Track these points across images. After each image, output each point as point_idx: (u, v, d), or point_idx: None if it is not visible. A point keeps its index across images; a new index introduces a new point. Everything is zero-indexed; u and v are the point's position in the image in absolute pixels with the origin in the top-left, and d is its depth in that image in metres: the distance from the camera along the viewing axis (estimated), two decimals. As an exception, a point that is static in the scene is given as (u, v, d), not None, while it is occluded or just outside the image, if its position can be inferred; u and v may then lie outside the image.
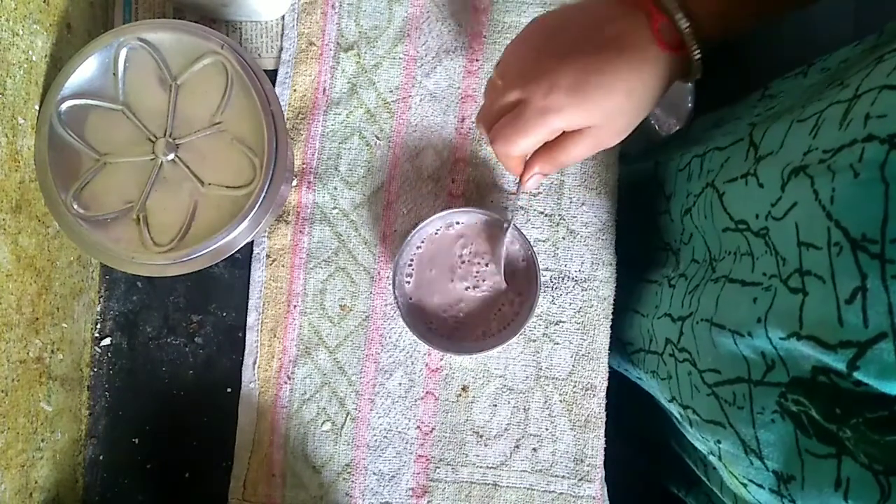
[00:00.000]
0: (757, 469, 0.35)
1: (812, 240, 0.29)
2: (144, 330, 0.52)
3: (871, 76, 0.28)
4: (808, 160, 0.30)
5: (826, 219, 0.27)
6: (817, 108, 0.31)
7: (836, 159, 0.28)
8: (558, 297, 0.50)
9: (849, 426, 0.28)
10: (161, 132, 0.44)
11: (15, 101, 0.42)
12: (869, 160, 0.25)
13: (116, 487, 0.51)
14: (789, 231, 0.31)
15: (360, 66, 0.52)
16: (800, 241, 0.30)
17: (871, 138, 0.26)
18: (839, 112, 0.29)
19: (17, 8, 0.42)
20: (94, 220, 0.43)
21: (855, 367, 0.26)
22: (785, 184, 0.32)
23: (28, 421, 0.45)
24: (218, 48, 0.43)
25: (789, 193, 0.31)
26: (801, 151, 0.31)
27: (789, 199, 0.31)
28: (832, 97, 0.30)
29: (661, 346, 0.47)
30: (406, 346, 0.50)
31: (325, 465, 0.50)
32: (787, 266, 0.31)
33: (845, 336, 0.26)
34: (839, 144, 0.28)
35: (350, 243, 0.51)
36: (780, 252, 0.32)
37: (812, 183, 0.29)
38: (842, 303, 0.26)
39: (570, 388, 0.49)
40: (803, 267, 0.29)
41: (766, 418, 0.33)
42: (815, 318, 0.28)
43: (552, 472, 0.49)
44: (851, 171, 0.26)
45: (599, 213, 0.50)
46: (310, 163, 0.52)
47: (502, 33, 0.51)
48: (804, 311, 0.29)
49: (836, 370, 0.28)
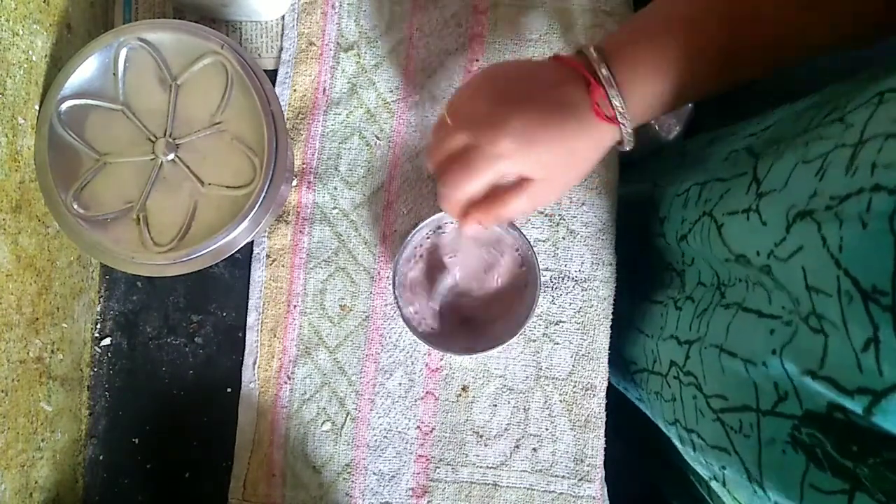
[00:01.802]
0: (761, 498, 0.35)
1: (821, 286, 0.29)
2: (144, 330, 0.52)
3: (875, 119, 0.28)
4: (815, 205, 0.30)
5: (835, 267, 0.27)
6: (822, 149, 0.31)
7: (844, 207, 0.28)
8: (558, 297, 0.50)
9: (866, 465, 0.28)
10: (161, 132, 0.44)
11: (15, 101, 0.42)
12: (877, 212, 0.25)
13: (116, 487, 0.51)
14: (796, 274, 0.31)
15: (360, 66, 0.52)
16: (808, 286, 0.30)
17: (879, 188, 0.26)
18: (845, 156, 0.29)
19: (17, 8, 0.42)
20: (94, 220, 0.43)
21: (871, 412, 0.26)
22: (790, 226, 0.32)
23: (28, 421, 0.45)
24: (218, 48, 0.43)
25: (795, 236, 0.31)
26: (807, 194, 0.31)
27: (795, 242, 0.31)
28: (836, 137, 0.30)
29: (666, 367, 0.46)
30: (406, 346, 0.50)
31: (325, 465, 0.50)
32: (802, 306, 0.31)
33: (863, 382, 0.26)
34: (846, 192, 0.28)
35: (350, 243, 0.51)
36: (791, 292, 0.32)
37: (819, 229, 0.29)
38: (857, 350, 0.26)
39: (570, 388, 0.49)
40: (816, 310, 0.29)
41: (777, 448, 0.33)
42: (836, 361, 0.28)
43: (552, 472, 0.49)
44: (860, 221, 0.26)
45: (599, 213, 0.50)
46: (310, 163, 0.52)
47: (502, 33, 0.51)
48: (827, 352, 0.29)
49: (853, 411, 0.28)
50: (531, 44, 0.51)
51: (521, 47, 0.51)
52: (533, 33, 0.51)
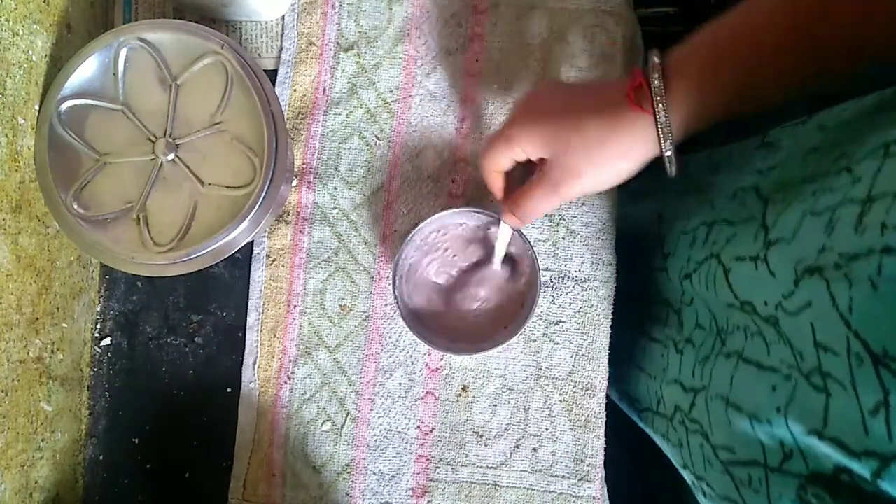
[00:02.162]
0: None
1: (830, 344, 0.28)
2: (144, 330, 0.52)
3: (882, 174, 0.28)
4: (824, 261, 0.30)
5: (844, 327, 0.27)
6: (830, 201, 0.31)
7: (853, 268, 0.27)
8: (558, 297, 0.50)
9: None
10: (161, 132, 0.44)
11: (15, 101, 0.42)
12: (888, 275, 0.25)
13: (116, 487, 0.51)
14: (804, 329, 0.30)
15: (360, 66, 0.52)
16: (816, 342, 0.29)
17: (889, 251, 0.25)
18: (853, 213, 0.29)
19: (17, 8, 0.42)
20: (94, 220, 0.43)
21: (879, 476, 0.26)
22: (799, 279, 0.31)
23: (28, 421, 0.45)
24: (218, 48, 0.43)
25: (803, 291, 0.31)
26: (816, 248, 0.31)
27: (803, 297, 0.31)
28: (844, 189, 0.30)
29: (671, 411, 0.46)
30: (406, 346, 0.50)
31: (325, 465, 0.50)
32: (805, 362, 0.31)
33: (870, 445, 0.26)
34: (855, 251, 0.28)
35: (350, 243, 0.51)
36: (795, 346, 0.32)
37: (828, 287, 0.29)
38: (866, 413, 0.26)
39: (570, 388, 0.49)
40: (823, 368, 0.29)
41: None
42: (839, 422, 0.28)
43: (552, 472, 0.49)
44: (870, 283, 0.26)
45: (599, 213, 0.50)
46: (310, 163, 0.52)
47: (502, 33, 0.51)
48: (829, 412, 0.28)
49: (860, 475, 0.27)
50: (531, 44, 0.51)
51: (521, 47, 0.51)
52: (533, 33, 0.51)
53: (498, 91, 0.51)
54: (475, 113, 0.51)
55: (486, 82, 0.51)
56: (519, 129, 0.39)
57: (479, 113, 0.51)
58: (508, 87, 0.51)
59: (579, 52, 0.51)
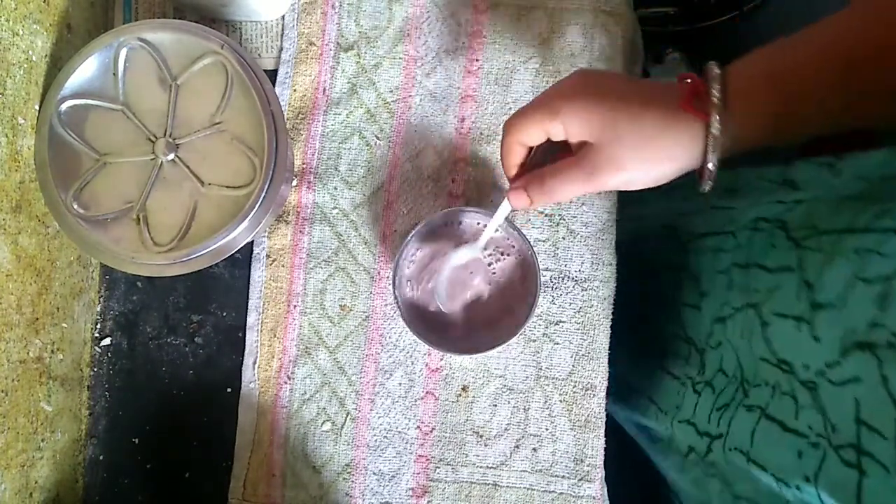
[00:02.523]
0: None
1: (876, 424, 0.28)
2: (144, 330, 0.52)
3: None
4: (876, 337, 0.29)
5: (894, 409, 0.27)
6: (882, 269, 0.30)
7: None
8: (558, 297, 0.50)
9: None
10: (161, 132, 0.44)
11: (15, 101, 0.42)
12: None
13: (116, 487, 0.51)
14: (847, 403, 0.30)
15: (360, 66, 0.52)
16: (860, 419, 0.29)
17: None
18: None
19: (17, 8, 0.42)
20: (94, 220, 0.43)
21: None
22: (846, 351, 0.31)
23: (28, 421, 0.45)
24: (218, 48, 0.43)
25: (851, 365, 0.30)
26: (866, 321, 0.30)
27: (850, 370, 0.30)
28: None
29: (684, 450, 0.45)
30: (406, 346, 0.50)
31: (325, 465, 0.50)
32: (838, 434, 0.30)
33: None
34: None
35: (350, 243, 0.51)
36: (830, 416, 0.31)
37: (880, 366, 0.28)
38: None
39: (570, 388, 0.49)
40: (862, 446, 0.28)
41: None
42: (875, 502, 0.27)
43: (552, 472, 0.49)
44: None
45: (599, 213, 0.50)
46: (310, 163, 0.52)
47: (502, 33, 0.51)
48: (863, 490, 0.28)
49: None
50: (531, 44, 0.51)
51: (521, 47, 0.51)
52: (533, 33, 0.51)
53: (498, 91, 0.51)
54: (475, 113, 0.51)
55: (486, 82, 0.51)
56: (569, 103, 0.36)
57: (479, 113, 0.51)
58: (508, 88, 0.51)
59: (579, 52, 0.51)
